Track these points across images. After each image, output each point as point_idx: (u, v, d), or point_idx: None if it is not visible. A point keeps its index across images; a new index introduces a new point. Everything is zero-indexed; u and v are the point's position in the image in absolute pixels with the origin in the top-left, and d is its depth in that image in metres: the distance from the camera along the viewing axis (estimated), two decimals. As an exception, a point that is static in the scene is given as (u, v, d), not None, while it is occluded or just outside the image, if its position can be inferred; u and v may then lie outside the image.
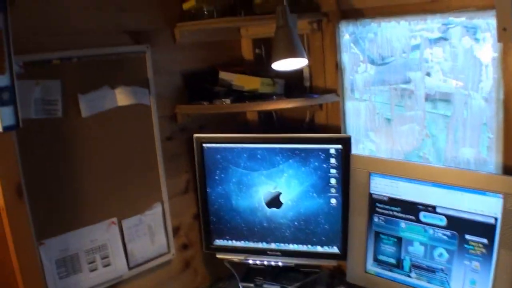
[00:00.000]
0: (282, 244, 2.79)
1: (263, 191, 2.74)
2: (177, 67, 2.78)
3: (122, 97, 2.55)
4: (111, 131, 2.52)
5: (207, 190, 2.82)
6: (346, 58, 2.72)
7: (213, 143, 2.76)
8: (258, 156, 2.70)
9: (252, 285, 2.82)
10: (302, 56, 2.39)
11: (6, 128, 2.03)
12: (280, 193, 2.71)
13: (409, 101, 2.61)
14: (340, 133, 2.75)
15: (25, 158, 2.22)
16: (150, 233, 2.74)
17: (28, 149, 2.24)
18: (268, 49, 2.87)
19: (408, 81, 2.58)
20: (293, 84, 2.83)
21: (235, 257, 2.86)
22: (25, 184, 2.22)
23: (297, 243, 2.77)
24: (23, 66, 2.21)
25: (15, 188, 2.13)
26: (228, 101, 2.67)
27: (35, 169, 2.27)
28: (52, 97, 2.32)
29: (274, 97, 2.69)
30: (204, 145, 2.77)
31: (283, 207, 2.73)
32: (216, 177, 2.79)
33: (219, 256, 2.89)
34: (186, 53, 2.81)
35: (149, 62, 2.63)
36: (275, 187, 2.71)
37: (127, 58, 2.55)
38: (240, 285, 2.83)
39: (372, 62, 2.69)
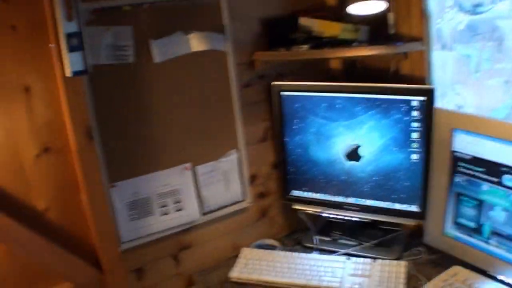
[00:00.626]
0: (360, 199, 2.75)
1: (341, 143, 2.69)
2: (255, 13, 2.74)
3: (196, 43, 2.58)
4: (185, 76, 2.56)
5: (285, 139, 2.81)
6: (433, 4, 2.55)
7: (291, 91, 2.73)
8: (338, 106, 2.63)
9: (328, 238, 2.84)
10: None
11: (75, 73, 2.14)
12: (359, 146, 2.65)
13: (499, 53, 2.46)
14: (425, 84, 2.58)
15: (97, 102, 2.34)
16: (225, 180, 2.78)
17: (99, 93, 2.34)
18: None
19: (497, 31, 2.43)
20: (377, 31, 2.69)
21: (312, 209, 2.87)
22: (97, 128, 2.36)
23: (376, 199, 2.70)
24: (94, 13, 2.29)
25: (85, 131, 2.25)
26: (305, 47, 2.60)
27: (108, 113, 2.37)
28: (123, 43, 2.39)
29: (356, 44, 2.59)
30: (282, 93, 2.74)
31: (362, 160, 2.67)
32: (294, 127, 2.77)
33: (296, 207, 2.89)
34: None
35: (224, 7, 2.64)
36: (354, 139, 2.65)
37: (201, 3, 2.54)
38: (316, 237, 2.84)
39: (461, 9, 2.56)
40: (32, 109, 2.20)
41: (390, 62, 2.78)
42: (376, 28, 2.68)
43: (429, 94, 2.44)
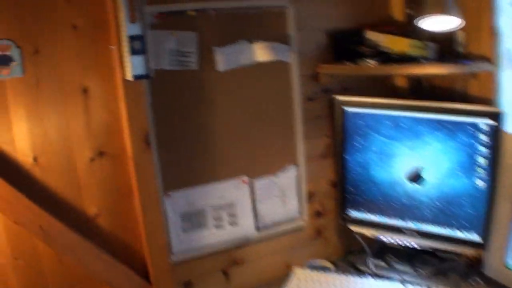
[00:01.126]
0: (419, 224, 2.52)
1: (404, 164, 2.49)
2: (321, 24, 2.61)
3: (261, 53, 2.45)
4: (248, 86, 2.45)
5: (346, 157, 2.64)
6: (503, 23, 2.34)
7: (356, 107, 2.57)
8: (402, 125, 2.44)
9: (383, 263, 2.64)
10: (455, 15, 2.13)
11: (136, 77, 2.03)
12: (423, 168, 2.44)
13: None
14: (493, 107, 2.37)
15: (156, 108, 2.24)
16: (282, 196, 2.64)
17: (159, 99, 2.24)
18: (421, 9, 2.55)
19: None
20: (445, 48, 2.49)
21: (368, 231, 2.68)
22: (155, 134, 2.24)
23: (436, 225, 2.48)
24: (158, 16, 2.19)
25: (143, 137, 2.16)
26: (373, 62, 2.45)
27: (166, 120, 2.27)
28: (187, 49, 2.28)
29: (424, 61, 2.39)
30: (346, 108, 2.58)
31: (424, 183, 2.45)
32: (356, 144, 2.60)
33: (352, 228, 2.72)
34: (331, 10, 2.63)
35: (290, 18, 2.50)
36: (418, 160, 2.44)
37: (267, 12, 2.44)
38: (371, 261, 2.66)
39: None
40: (89, 111, 2.14)
41: (458, 81, 2.58)
42: (444, 45, 2.49)
43: (498, 117, 2.23)
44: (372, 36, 2.57)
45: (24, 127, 2.04)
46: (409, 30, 2.55)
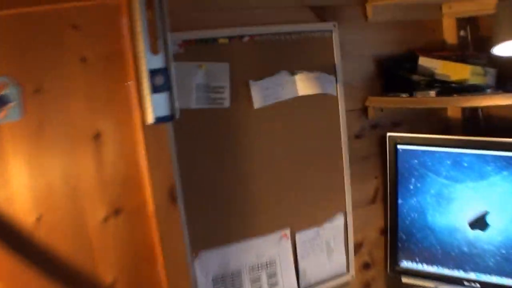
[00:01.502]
0: (483, 275, 2.25)
1: (466, 208, 2.23)
2: (368, 51, 2.35)
3: (303, 85, 2.12)
4: (288, 125, 2.15)
5: (398, 201, 2.38)
6: None
7: (410, 144, 2.31)
8: (465, 164, 2.19)
9: (441, 318, 2.34)
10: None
11: (159, 119, 1.72)
12: (488, 213, 2.18)
13: None
14: None
15: (181, 155, 1.94)
16: (327, 249, 2.32)
17: (185, 144, 1.95)
18: (476, 31, 2.40)
19: None
20: (505, 74, 2.25)
21: (423, 284, 2.39)
22: (181, 186, 1.94)
23: (502, 275, 2.19)
24: (183, 45, 1.88)
25: (168, 190, 1.88)
26: (433, 93, 2.19)
27: (193, 168, 1.98)
28: (218, 83, 1.95)
29: (488, 90, 2.16)
30: (399, 146, 2.32)
31: (489, 229, 2.19)
32: (411, 186, 2.34)
33: (404, 280, 2.44)
34: (379, 34, 2.38)
35: (336, 44, 2.20)
36: (482, 204, 2.18)
37: (309, 39, 2.14)
38: (426, 316, 2.36)
39: None
40: (102, 161, 1.83)
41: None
42: (503, 70, 2.26)
43: None
44: (426, 62, 2.35)
45: (24, 180, 1.73)
46: (464, 55, 2.35)
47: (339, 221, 2.33)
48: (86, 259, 1.85)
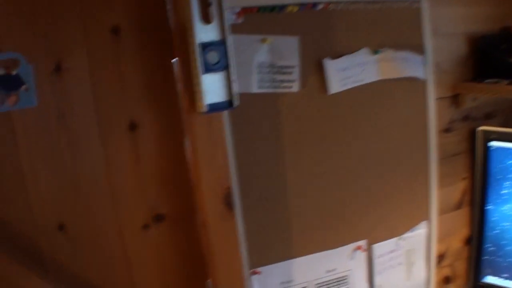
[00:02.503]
0: None
1: None
2: (460, 28, 1.80)
3: (387, 67, 1.60)
4: (367, 116, 1.62)
5: (487, 207, 1.91)
6: None
7: (505, 141, 1.82)
8: None
9: None
10: None
11: (212, 108, 1.27)
12: None
13: None
14: None
15: (238, 153, 1.46)
16: (407, 263, 1.82)
17: (243, 139, 1.46)
18: None
19: None
20: None
21: None
22: (239, 191, 1.48)
23: None
24: (242, 14, 1.37)
25: (222, 195, 1.42)
26: None
27: (252, 169, 1.50)
28: (285, 62, 1.45)
29: None
30: (491, 143, 1.83)
31: None
32: (504, 191, 1.86)
33: None
34: (473, 8, 1.82)
35: (425, 18, 1.66)
36: None
37: (394, 10, 1.60)
38: None
39: None
40: (139, 157, 1.41)
41: None
42: None
43: None
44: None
45: (43, 180, 1.32)
46: None
47: (422, 230, 1.82)
48: (122, 273, 1.45)
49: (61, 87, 1.29)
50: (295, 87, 1.48)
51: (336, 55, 1.53)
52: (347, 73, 1.54)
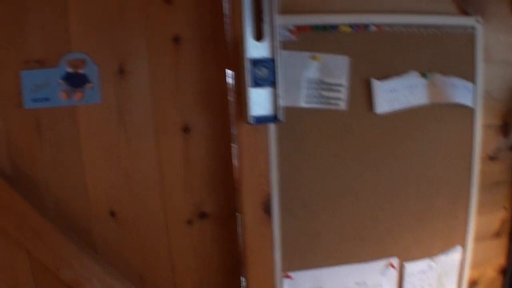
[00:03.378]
0: None
1: None
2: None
3: (435, 91, 1.56)
4: (410, 137, 1.59)
5: None
6: None
7: None
8: None
9: None
10: None
11: (258, 120, 1.29)
12: None
13: None
14: None
15: (282, 163, 1.46)
16: (438, 285, 1.76)
17: (286, 149, 1.46)
18: None
19: None
20: None
21: None
22: (277, 198, 1.47)
23: None
24: (296, 32, 1.37)
25: (261, 200, 1.42)
26: None
27: (293, 178, 1.49)
28: (334, 80, 1.44)
29: None
30: None
31: None
32: None
33: None
34: None
35: (479, 44, 1.60)
36: None
37: (447, 35, 1.55)
38: None
39: None
40: (190, 158, 1.45)
41: None
42: None
43: None
44: None
45: (100, 170, 1.38)
46: None
47: (455, 254, 1.76)
48: (164, 262, 1.49)
49: (122, 88, 1.34)
50: (342, 105, 1.47)
51: (385, 76, 1.50)
52: (394, 94, 1.51)
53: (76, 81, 1.29)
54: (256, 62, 1.24)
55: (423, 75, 1.55)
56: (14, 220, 1.29)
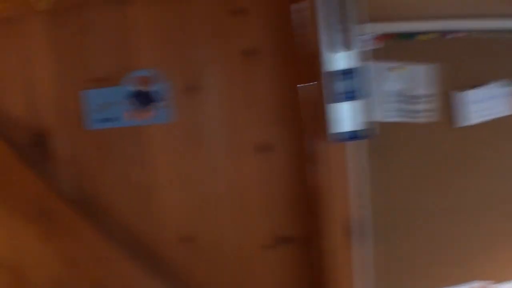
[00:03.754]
0: None
1: None
2: None
3: None
4: (497, 150, 1.46)
5: None
6: None
7: None
8: None
9: None
10: None
11: (343, 137, 1.19)
12: None
13: None
14: None
15: (366, 182, 1.38)
16: None
17: (372, 169, 1.36)
18: None
19: None
20: None
21: None
22: (363, 220, 1.38)
23: None
24: (381, 40, 1.27)
25: (343, 226, 1.34)
26: None
27: (375, 198, 1.40)
28: (420, 91, 1.33)
29: None
30: None
31: None
32: None
33: None
34: None
35: None
36: None
37: None
38: None
39: None
40: (268, 177, 1.40)
41: None
42: None
43: None
44: None
45: (173, 193, 1.35)
46: None
47: None
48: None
49: (194, 105, 1.29)
50: (430, 117, 1.37)
51: (467, 86, 1.40)
52: (480, 105, 1.40)
53: (143, 99, 1.21)
54: (339, 75, 1.13)
55: (504, 84, 1.43)
56: (81, 246, 1.26)
